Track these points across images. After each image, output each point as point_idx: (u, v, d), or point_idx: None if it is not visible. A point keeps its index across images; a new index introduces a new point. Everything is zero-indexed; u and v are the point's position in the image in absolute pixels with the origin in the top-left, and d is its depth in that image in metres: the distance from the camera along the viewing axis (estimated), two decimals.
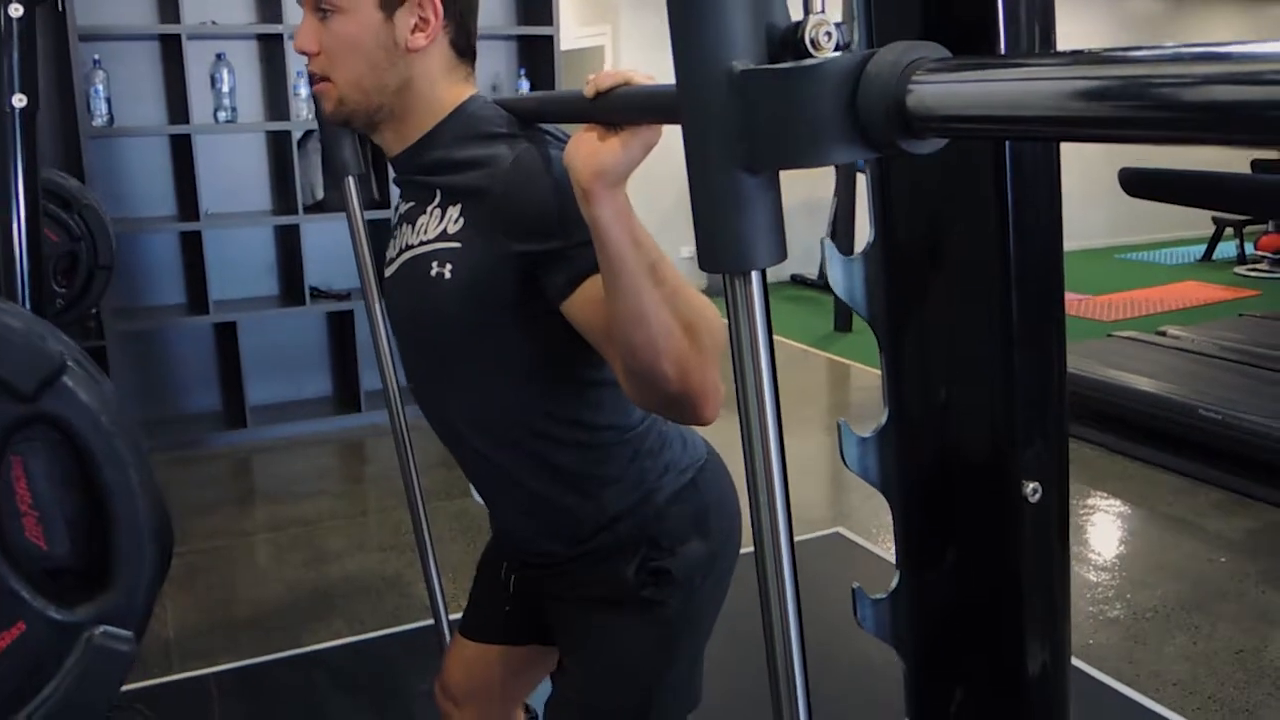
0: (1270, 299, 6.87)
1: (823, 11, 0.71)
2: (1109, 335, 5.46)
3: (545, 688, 2.16)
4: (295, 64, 4.61)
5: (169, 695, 2.77)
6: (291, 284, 4.87)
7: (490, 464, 1.44)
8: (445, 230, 1.30)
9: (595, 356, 1.26)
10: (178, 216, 4.69)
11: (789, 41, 0.71)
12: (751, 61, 0.70)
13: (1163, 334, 5.32)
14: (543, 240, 1.22)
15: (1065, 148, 0.78)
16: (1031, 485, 0.87)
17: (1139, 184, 2.68)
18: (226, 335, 4.78)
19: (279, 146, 4.77)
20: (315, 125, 4.66)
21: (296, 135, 4.67)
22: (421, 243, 1.33)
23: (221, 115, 4.58)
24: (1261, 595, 3.23)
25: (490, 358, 1.34)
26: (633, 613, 1.43)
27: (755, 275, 0.74)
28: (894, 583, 0.96)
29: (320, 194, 4.78)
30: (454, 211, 1.30)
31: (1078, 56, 0.54)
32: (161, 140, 4.64)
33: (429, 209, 1.34)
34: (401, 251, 1.38)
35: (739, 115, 0.70)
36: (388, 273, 1.43)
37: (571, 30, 7.36)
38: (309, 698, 2.80)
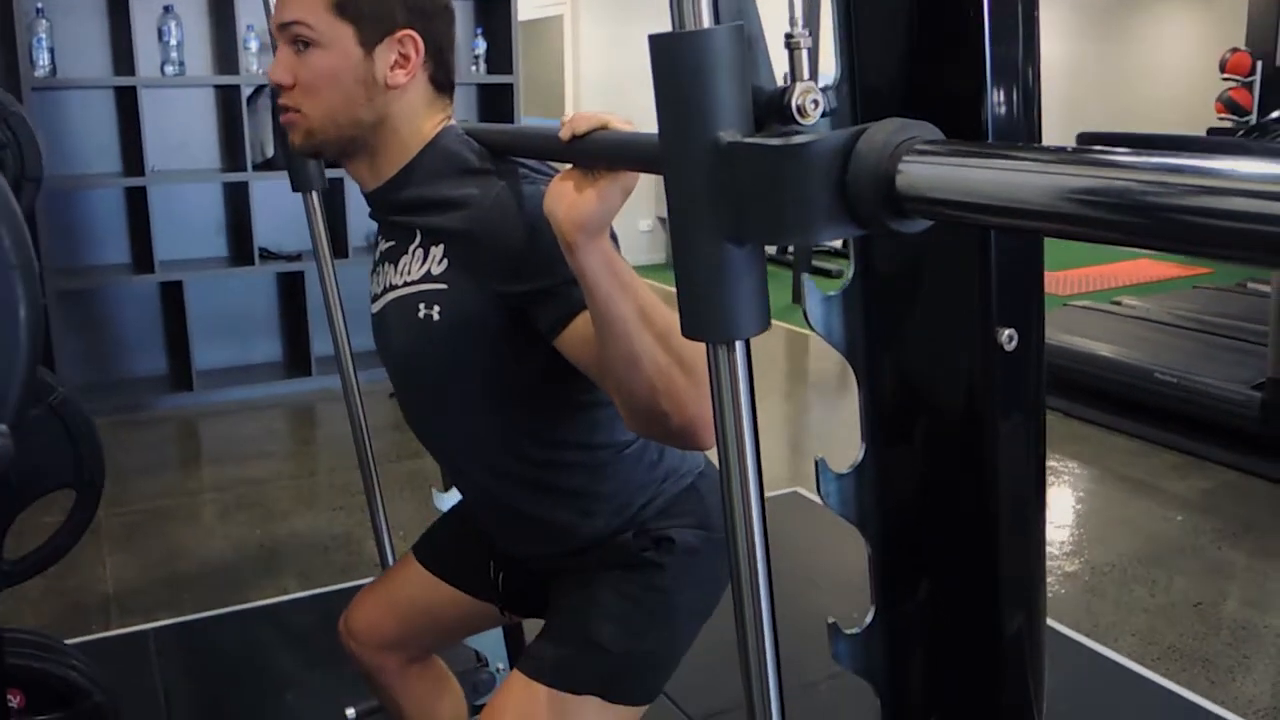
0: (1223, 277, 6.92)
1: (810, 78, 0.71)
2: (1064, 305, 5.47)
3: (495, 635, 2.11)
4: (245, 18, 4.49)
5: (105, 650, 2.67)
6: (240, 244, 4.75)
7: (493, 491, 1.44)
8: (429, 271, 1.29)
9: (589, 380, 1.24)
10: (122, 173, 4.55)
11: (775, 106, 0.70)
12: (738, 128, 0.69)
13: (1118, 304, 5.35)
14: (529, 280, 1.20)
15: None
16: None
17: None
18: (173, 296, 4.65)
19: (228, 102, 4.64)
20: (265, 81, 4.56)
21: (246, 91, 4.54)
22: (406, 283, 1.32)
23: (169, 69, 4.45)
24: (1218, 551, 3.23)
25: (485, 393, 1.34)
26: (629, 570, 1.40)
27: (739, 344, 0.73)
28: (859, 457, 0.91)
29: (270, 151, 4.66)
30: (436, 252, 1.29)
31: (1070, 155, 0.54)
32: (106, 94, 4.49)
33: (411, 249, 1.32)
34: (386, 290, 1.37)
35: (725, 188, 0.69)
36: (373, 309, 1.42)
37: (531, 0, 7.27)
38: (252, 652, 2.71)
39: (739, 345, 0.73)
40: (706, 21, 0.68)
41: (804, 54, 0.72)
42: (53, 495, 1.86)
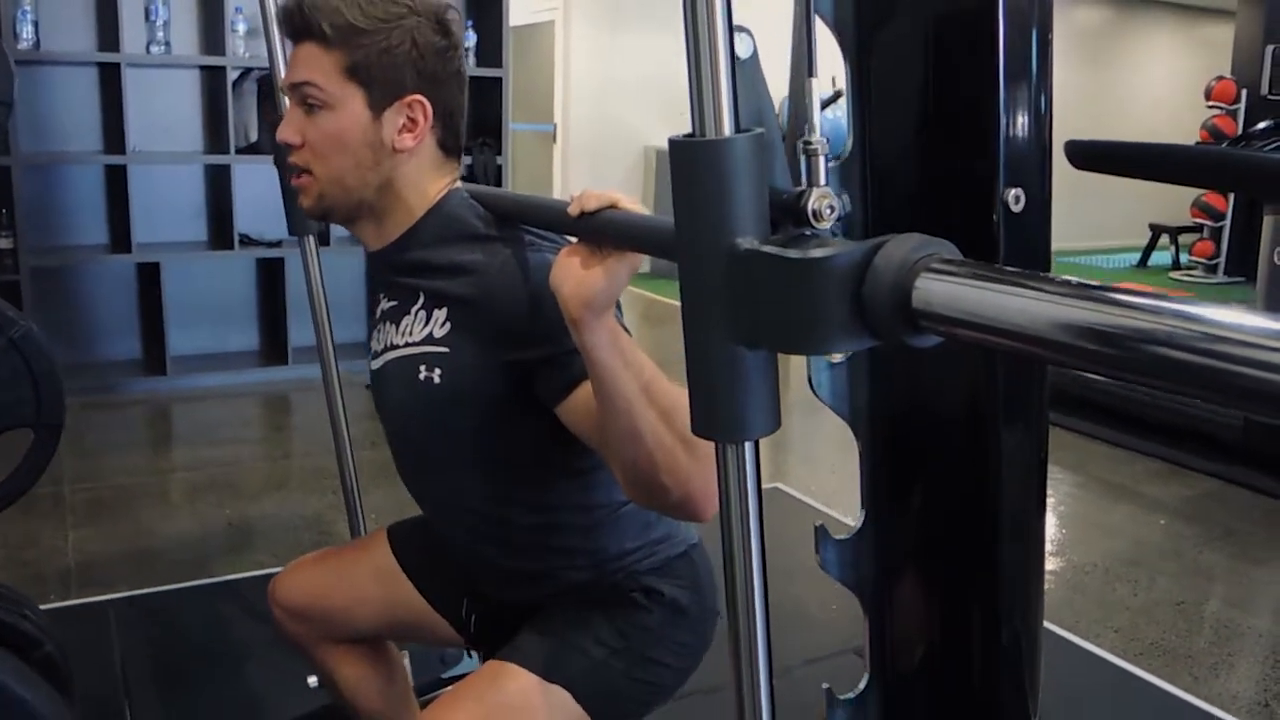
0: (1206, 295, 6.95)
1: (826, 183, 0.72)
2: None
3: None
4: (234, 0, 4.45)
5: (64, 620, 2.58)
6: (221, 229, 4.69)
7: (481, 546, 1.42)
8: (431, 334, 1.29)
9: (587, 445, 1.23)
10: (103, 151, 4.48)
11: (791, 209, 0.72)
12: (755, 234, 0.69)
13: None
14: (532, 348, 1.20)
15: None
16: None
17: (1084, 156, 2.64)
18: (149, 279, 4.58)
19: (213, 84, 4.59)
20: (251, 65, 4.51)
21: (233, 75, 4.49)
22: (407, 344, 1.32)
23: (155, 49, 4.40)
24: (1200, 555, 3.20)
25: (482, 455, 1.34)
26: (617, 607, 1.36)
27: (748, 444, 0.74)
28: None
29: (255, 135, 4.61)
30: (439, 315, 1.29)
31: (1083, 291, 0.56)
32: (90, 71, 4.44)
33: (413, 310, 1.32)
34: (387, 349, 1.37)
35: (741, 293, 0.70)
36: (373, 365, 1.41)
37: (525, 5, 7.26)
38: (215, 625, 2.63)
39: (748, 445, 0.74)
40: (727, 129, 0.69)
41: (820, 160, 0.74)
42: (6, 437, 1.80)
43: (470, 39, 5.00)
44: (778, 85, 0.72)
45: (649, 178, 7.54)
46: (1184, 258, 9.01)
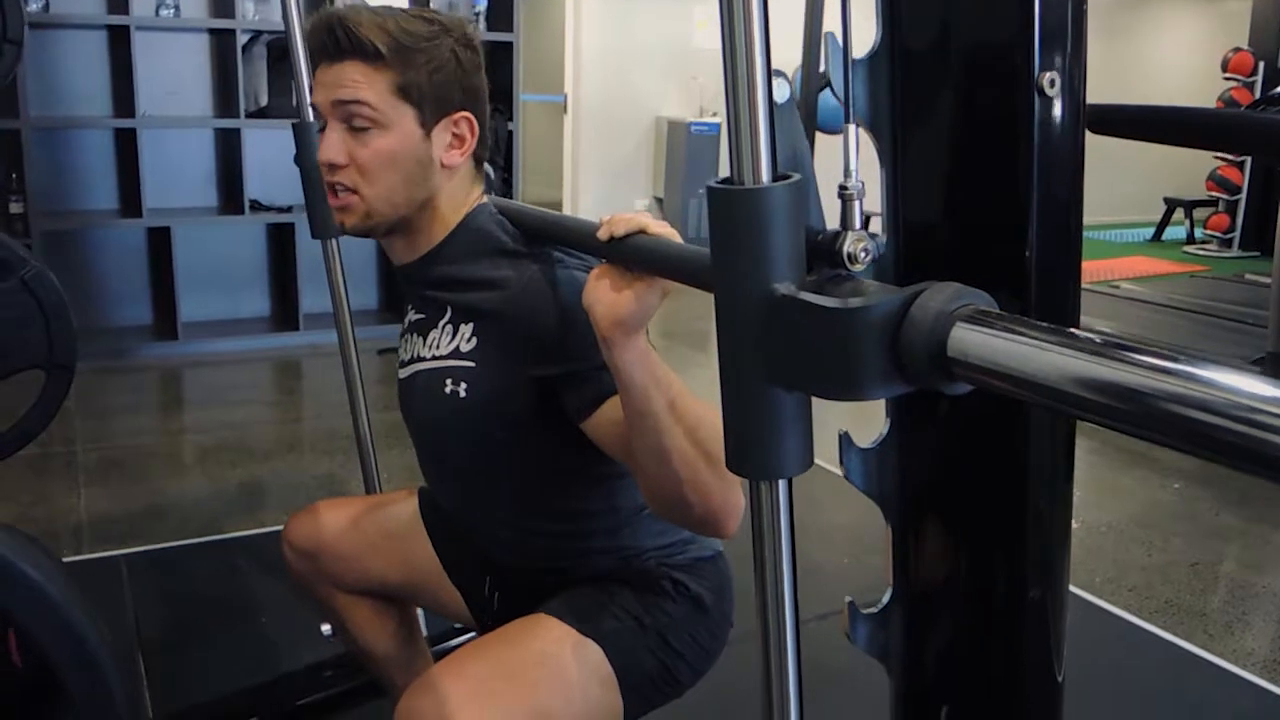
0: (1222, 268, 6.90)
1: (864, 227, 0.74)
2: None
3: None
4: None
5: (76, 573, 2.59)
6: (231, 194, 4.67)
7: (509, 546, 1.45)
8: (458, 348, 1.31)
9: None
10: (113, 115, 4.47)
11: (826, 251, 0.73)
12: (791, 277, 0.71)
13: (1115, 287, 5.31)
14: (559, 364, 1.22)
15: None
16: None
17: (1104, 121, 2.60)
18: (160, 244, 4.57)
19: (223, 47, 4.57)
20: (261, 28, 4.49)
21: (242, 38, 4.46)
22: (434, 357, 1.34)
23: (164, 11, 4.38)
24: (1215, 517, 3.18)
25: (507, 467, 1.36)
26: (643, 591, 1.36)
27: (782, 483, 0.76)
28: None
29: (265, 100, 4.59)
30: (466, 330, 1.31)
31: (1117, 351, 0.57)
32: (99, 34, 4.41)
33: (441, 324, 1.34)
34: (414, 360, 1.39)
35: (777, 337, 0.71)
36: (401, 375, 1.44)
37: None
38: (228, 580, 2.63)
39: (781, 484, 0.76)
40: (765, 176, 0.71)
41: (856, 204, 0.75)
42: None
43: (480, 3, 4.97)
44: (788, 57, 0.70)
45: (659, 148, 7.50)
46: (1199, 232, 8.93)
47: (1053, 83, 0.76)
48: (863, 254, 0.73)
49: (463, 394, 1.30)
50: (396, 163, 1.27)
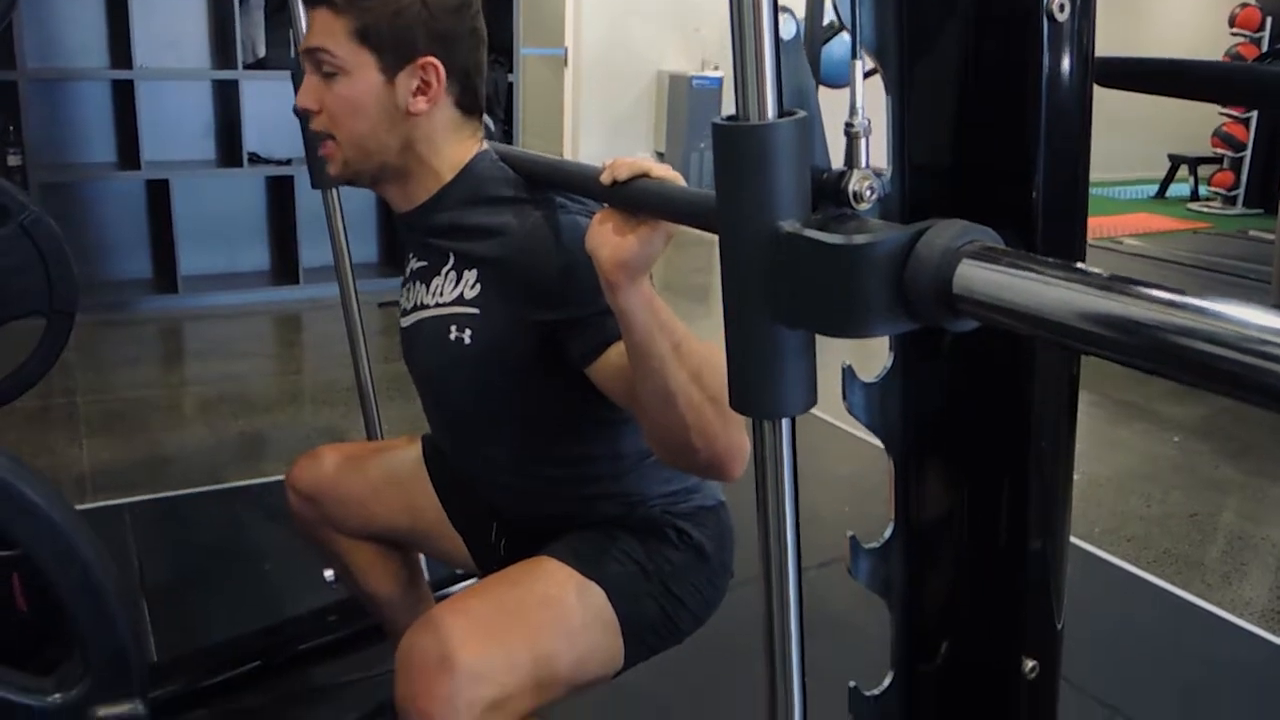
0: (1226, 224, 6.88)
1: (867, 166, 0.73)
2: None
3: None
4: None
5: None
6: (229, 147, 4.64)
7: (514, 493, 1.45)
8: (461, 295, 1.31)
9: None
10: (110, 67, 4.43)
11: (831, 189, 0.73)
12: (796, 215, 0.70)
13: (1119, 243, 5.29)
14: (562, 310, 1.22)
15: None
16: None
17: (1111, 74, 2.58)
18: (159, 197, 4.55)
19: None
20: None
21: None
22: (437, 304, 1.34)
23: None
24: (1215, 470, 3.19)
25: (512, 413, 1.36)
26: (646, 536, 1.36)
27: (785, 421, 0.76)
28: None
29: (262, 51, 4.55)
30: (469, 277, 1.30)
31: (1124, 285, 0.57)
32: None
33: (443, 271, 1.34)
34: (416, 308, 1.39)
35: (782, 275, 0.71)
36: (404, 323, 1.44)
37: None
38: (230, 529, 2.65)
39: (785, 422, 0.76)
40: (771, 113, 0.70)
41: (862, 141, 0.74)
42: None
43: None
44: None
45: (660, 102, 7.45)
46: (1203, 189, 8.90)
47: (1062, 8, 0.75)
48: (868, 192, 0.72)
49: (467, 341, 1.30)
50: (360, 109, 1.27)
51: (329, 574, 1.91)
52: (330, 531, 1.63)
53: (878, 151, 0.78)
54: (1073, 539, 2.83)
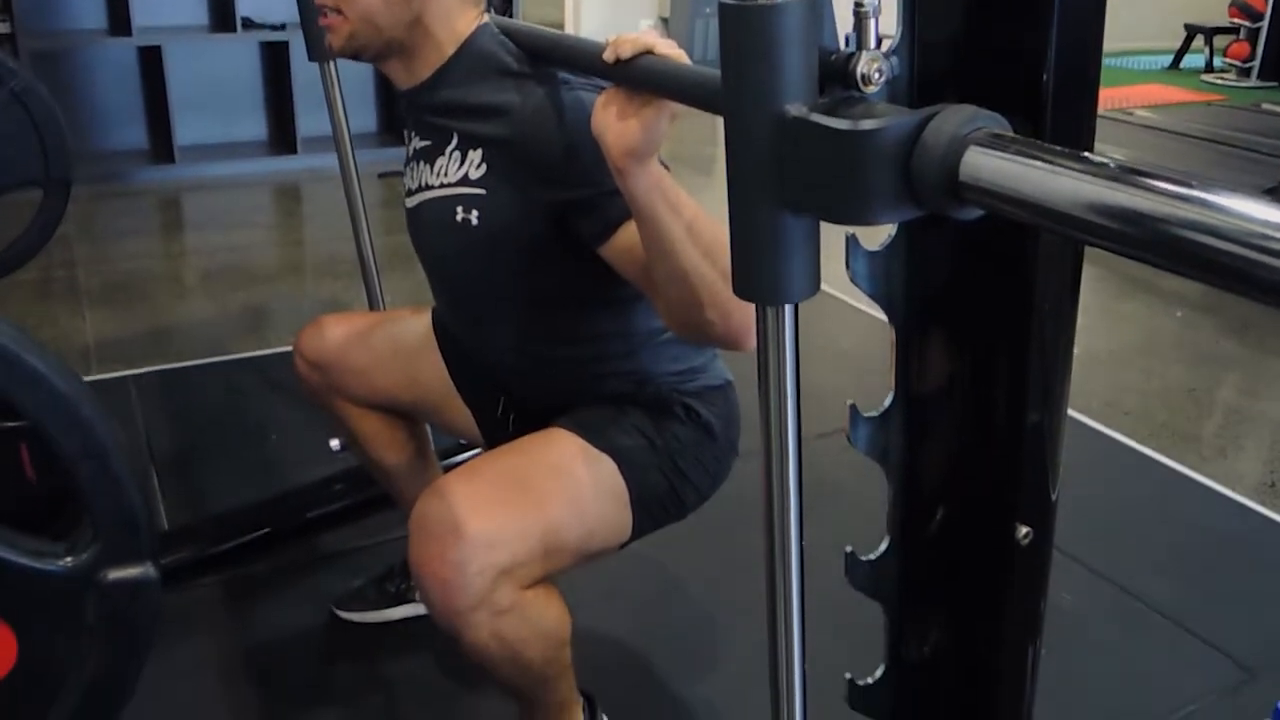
0: (1240, 97, 6.74)
1: (878, 47, 0.71)
2: None
3: None
4: None
5: None
6: (222, 10, 4.53)
7: (523, 373, 1.45)
8: (467, 175, 1.29)
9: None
10: None
11: (839, 72, 0.71)
12: (803, 98, 0.69)
13: (1129, 114, 5.20)
14: (571, 189, 1.21)
15: None
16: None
17: None
18: (152, 64, 4.45)
19: None
20: None
21: None
22: (442, 184, 1.32)
23: None
24: (1216, 345, 3.20)
25: (522, 293, 1.36)
26: (655, 413, 1.36)
27: (788, 307, 0.76)
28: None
29: None
30: (474, 156, 1.29)
31: (1131, 176, 0.56)
32: None
33: (447, 150, 1.32)
34: (421, 188, 1.37)
35: (788, 160, 0.69)
36: (408, 204, 1.42)
37: None
38: (236, 399, 2.68)
39: (788, 309, 0.76)
40: None
41: (871, 23, 0.72)
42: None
43: None
44: None
45: None
46: (1217, 60, 8.68)
47: None
48: (876, 75, 0.71)
49: (474, 221, 1.29)
50: None
51: (334, 443, 1.93)
52: (338, 399, 1.64)
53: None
54: (1070, 411, 2.86)
